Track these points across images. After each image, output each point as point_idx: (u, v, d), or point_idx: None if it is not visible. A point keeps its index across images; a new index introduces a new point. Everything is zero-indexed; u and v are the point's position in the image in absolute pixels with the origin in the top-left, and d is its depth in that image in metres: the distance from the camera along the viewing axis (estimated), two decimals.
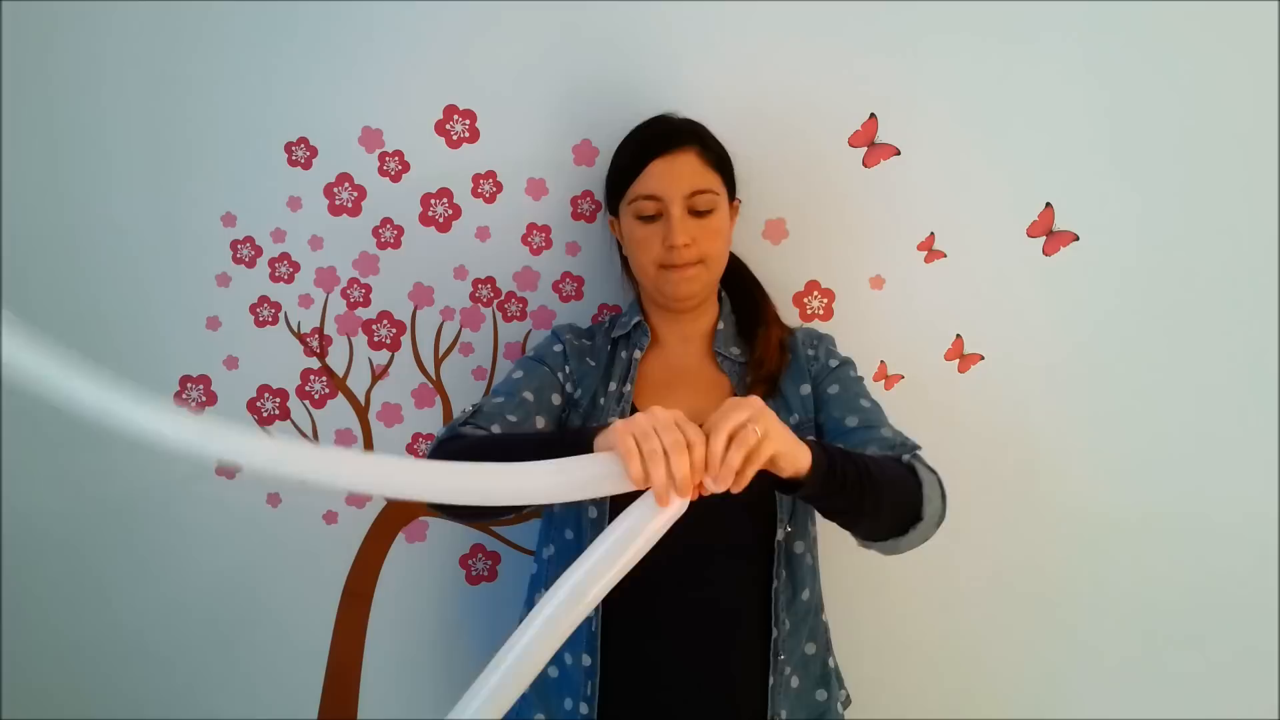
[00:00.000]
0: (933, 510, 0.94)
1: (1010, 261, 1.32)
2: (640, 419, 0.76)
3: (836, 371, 1.12)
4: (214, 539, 1.38)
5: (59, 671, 1.41)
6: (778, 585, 1.06)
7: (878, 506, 0.90)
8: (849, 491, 0.86)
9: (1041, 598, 1.41)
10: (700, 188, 1.08)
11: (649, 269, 1.11)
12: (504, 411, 1.05)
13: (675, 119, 1.15)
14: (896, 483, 0.92)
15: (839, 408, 1.08)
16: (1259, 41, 1.27)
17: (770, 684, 1.05)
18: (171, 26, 1.26)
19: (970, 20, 1.26)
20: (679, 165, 1.08)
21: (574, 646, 1.07)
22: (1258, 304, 1.33)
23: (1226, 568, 1.39)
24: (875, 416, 1.06)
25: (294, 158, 1.30)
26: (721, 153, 1.14)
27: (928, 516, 0.94)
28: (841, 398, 1.09)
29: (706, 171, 1.10)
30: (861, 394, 1.10)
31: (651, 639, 1.06)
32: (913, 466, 0.96)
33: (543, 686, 1.10)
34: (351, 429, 1.37)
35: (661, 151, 1.09)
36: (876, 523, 0.93)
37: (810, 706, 1.10)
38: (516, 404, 1.06)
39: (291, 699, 1.42)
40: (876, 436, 1.02)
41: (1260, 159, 1.30)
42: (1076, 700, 1.43)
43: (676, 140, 1.10)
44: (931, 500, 0.94)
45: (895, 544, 0.95)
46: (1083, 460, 1.37)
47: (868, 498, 0.88)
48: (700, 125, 1.14)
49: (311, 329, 1.35)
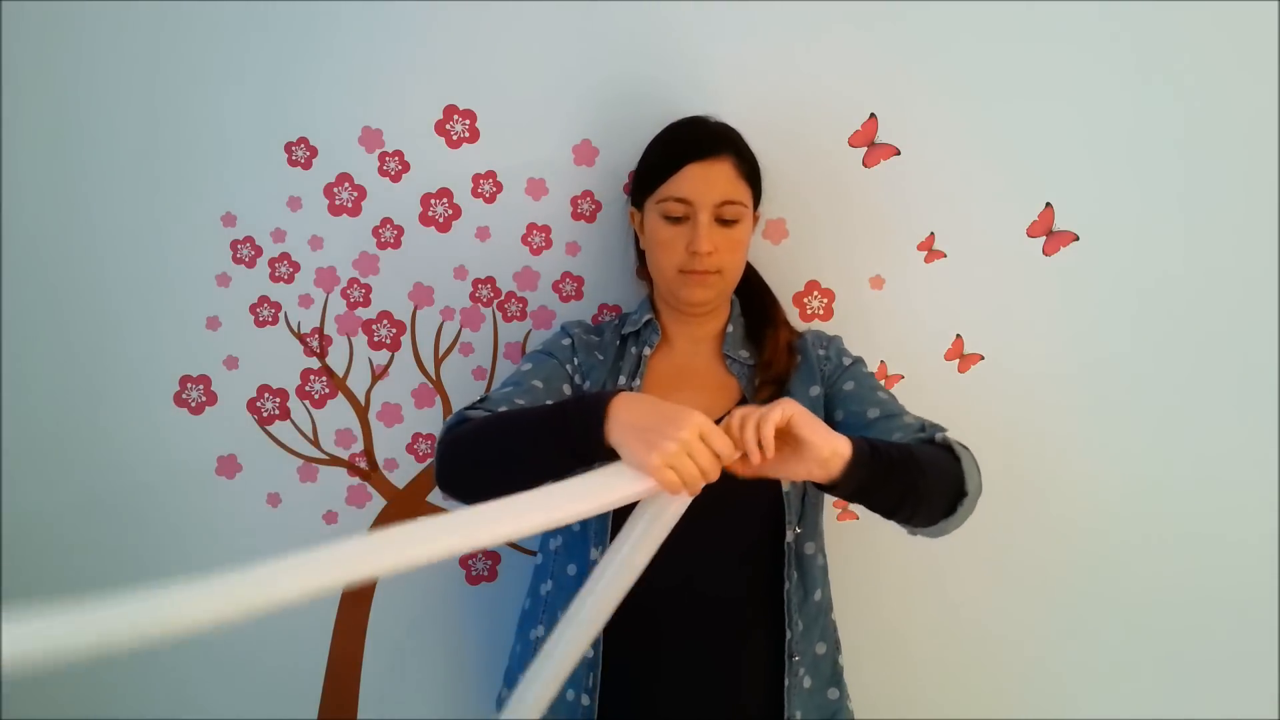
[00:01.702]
0: (974, 485, 0.95)
1: (1010, 261, 1.32)
2: (671, 448, 0.78)
3: (850, 369, 1.12)
4: (214, 539, 1.38)
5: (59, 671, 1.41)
6: (789, 587, 1.06)
7: (928, 489, 0.90)
8: (896, 478, 0.87)
9: (1041, 598, 1.41)
10: (731, 198, 1.08)
11: (668, 271, 1.11)
12: (513, 397, 1.04)
13: (713, 123, 1.15)
14: (938, 462, 0.93)
15: (857, 402, 1.08)
16: (1259, 41, 1.27)
17: (786, 685, 1.05)
18: (171, 26, 1.26)
19: (970, 20, 1.26)
20: (714, 172, 1.08)
21: None
22: (1258, 304, 1.33)
23: (1226, 567, 1.39)
24: (894, 406, 1.06)
25: (294, 158, 1.30)
26: (754, 164, 1.14)
27: (971, 490, 0.94)
28: (858, 392, 1.09)
29: (739, 182, 1.10)
30: (877, 387, 1.11)
31: (654, 635, 1.06)
32: (948, 444, 0.97)
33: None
34: (351, 429, 1.37)
35: (699, 156, 1.08)
36: (929, 506, 0.93)
37: (823, 706, 1.10)
38: (525, 390, 1.06)
39: (291, 699, 1.42)
40: (900, 424, 1.02)
41: (1260, 159, 1.30)
42: (1077, 700, 1.43)
43: (715, 147, 1.09)
44: (972, 475, 0.95)
45: (944, 525, 0.95)
46: (1083, 460, 1.37)
47: (917, 482, 0.88)
48: (737, 133, 1.14)
49: (311, 329, 1.35)
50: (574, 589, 1.08)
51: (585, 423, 0.84)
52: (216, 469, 1.36)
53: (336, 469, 1.37)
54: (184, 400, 1.35)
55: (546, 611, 1.13)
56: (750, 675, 1.07)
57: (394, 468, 1.38)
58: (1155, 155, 1.30)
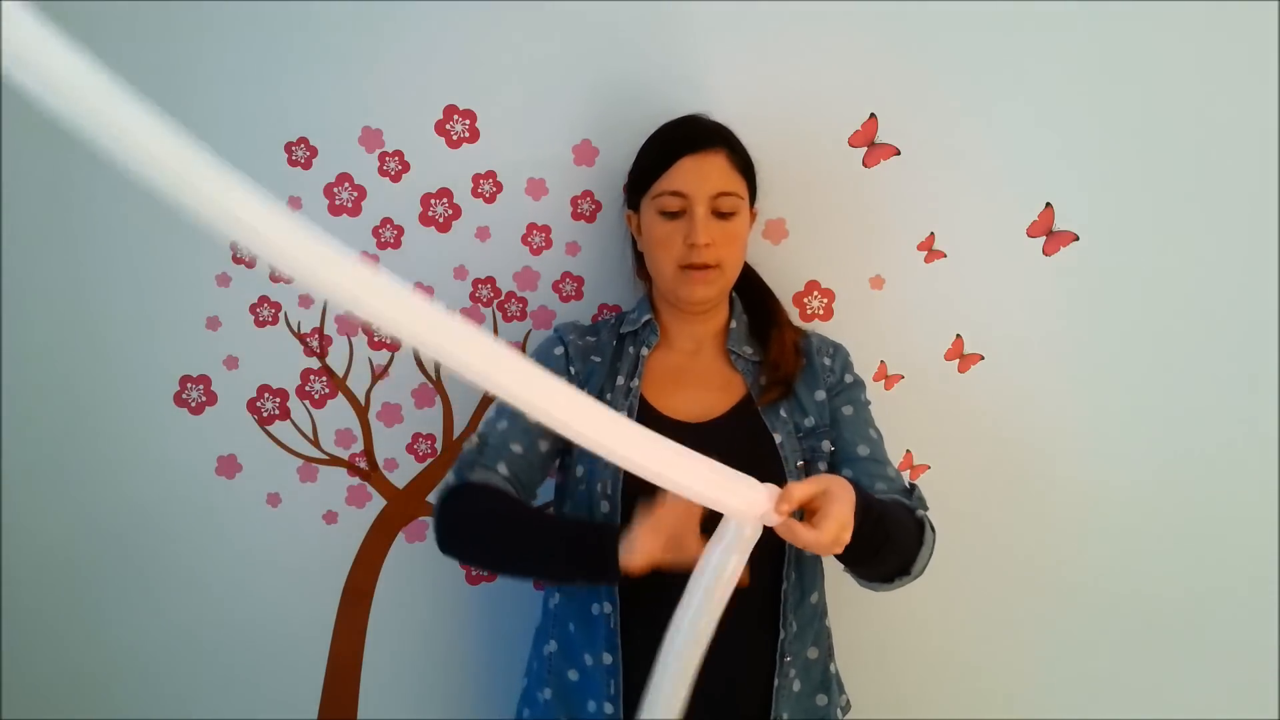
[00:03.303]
0: (919, 568, 1.03)
1: (1010, 261, 1.32)
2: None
3: (851, 391, 1.14)
4: (214, 539, 1.38)
5: (58, 671, 1.41)
6: (787, 587, 1.06)
7: (886, 554, 0.98)
8: (867, 550, 0.92)
9: (1041, 598, 1.41)
10: (726, 189, 1.09)
11: (667, 269, 1.10)
12: (509, 441, 1.07)
13: (706, 120, 1.15)
14: (904, 541, 1.00)
15: (851, 431, 1.11)
16: (1259, 41, 1.27)
17: (775, 685, 1.06)
18: (171, 26, 1.26)
19: (970, 20, 1.27)
20: (708, 165, 1.09)
21: (593, 647, 1.07)
22: (1258, 303, 1.33)
23: (1227, 567, 1.39)
24: (881, 451, 1.11)
25: (294, 158, 1.30)
26: (748, 158, 1.14)
27: (914, 572, 1.02)
28: (854, 422, 1.12)
29: (733, 174, 1.10)
30: (870, 422, 1.13)
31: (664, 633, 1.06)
32: (923, 523, 1.03)
33: (564, 690, 1.10)
34: (351, 429, 1.37)
35: (692, 150, 1.09)
36: (876, 567, 1.01)
37: (810, 710, 1.10)
38: (520, 431, 1.08)
39: (291, 699, 1.42)
40: (884, 474, 1.08)
41: (1261, 158, 1.30)
42: (1077, 701, 1.43)
43: (707, 141, 1.10)
44: (923, 559, 1.02)
45: (874, 585, 1.04)
46: (1083, 460, 1.37)
47: (880, 547, 0.94)
48: (730, 130, 1.14)
49: (311, 329, 1.35)
50: (583, 599, 1.08)
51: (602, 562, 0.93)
52: (216, 469, 1.36)
53: (336, 469, 1.37)
54: (184, 400, 1.35)
55: (557, 625, 1.12)
56: (749, 675, 1.06)
57: (394, 468, 1.38)
58: (1155, 155, 1.30)
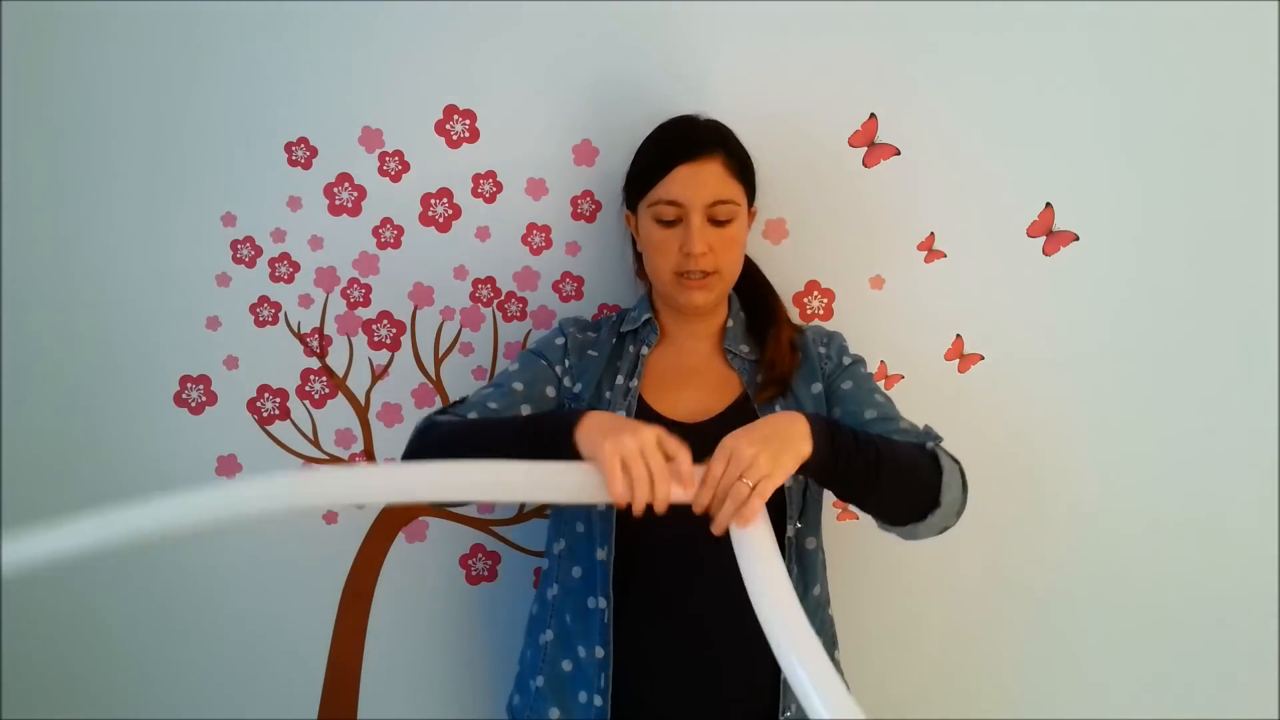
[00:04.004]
0: (951, 498, 0.96)
1: (1010, 261, 1.32)
2: (627, 440, 0.81)
3: (850, 369, 1.13)
4: (214, 539, 1.37)
5: (58, 671, 1.41)
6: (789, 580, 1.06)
7: (888, 493, 0.94)
8: (857, 477, 0.90)
9: (1042, 598, 1.41)
10: (722, 198, 1.07)
11: (664, 275, 1.10)
12: (487, 400, 1.06)
13: (702, 121, 1.14)
14: (912, 470, 0.95)
15: (854, 402, 1.09)
16: (1259, 41, 1.27)
17: (783, 679, 1.05)
18: (171, 26, 1.26)
19: (970, 20, 1.26)
20: (703, 174, 1.07)
21: (587, 640, 1.08)
22: (1258, 303, 1.33)
23: (1227, 567, 1.39)
24: (891, 410, 1.08)
25: (294, 158, 1.30)
26: (745, 159, 1.13)
27: (945, 504, 0.95)
28: (856, 393, 1.10)
29: (729, 181, 1.09)
30: (875, 389, 1.11)
31: (663, 632, 1.06)
32: (935, 454, 0.98)
33: (558, 681, 1.11)
34: (351, 429, 1.37)
35: (688, 158, 1.07)
36: (887, 507, 0.97)
37: None
38: (504, 393, 1.08)
39: (291, 699, 1.42)
40: (896, 429, 1.04)
41: (1261, 158, 1.30)
42: (1077, 700, 1.43)
43: (703, 147, 1.08)
44: (950, 488, 0.96)
45: (913, 530, 0.98)
46: (1084, 460, 1.37)
47: (878, 483, 0.91)
48: (726, 129, 1.13)
49: (311, 329, 1.35)
50: (580, 592, 1.08)
51: (555, 431, 0.89)
52: (216, 469, 1.36)
53: None
54: (184, 400, 1.35)
55: (555, 616, 1.13)
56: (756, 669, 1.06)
57: None
58: (1156, 155, 1.30)
